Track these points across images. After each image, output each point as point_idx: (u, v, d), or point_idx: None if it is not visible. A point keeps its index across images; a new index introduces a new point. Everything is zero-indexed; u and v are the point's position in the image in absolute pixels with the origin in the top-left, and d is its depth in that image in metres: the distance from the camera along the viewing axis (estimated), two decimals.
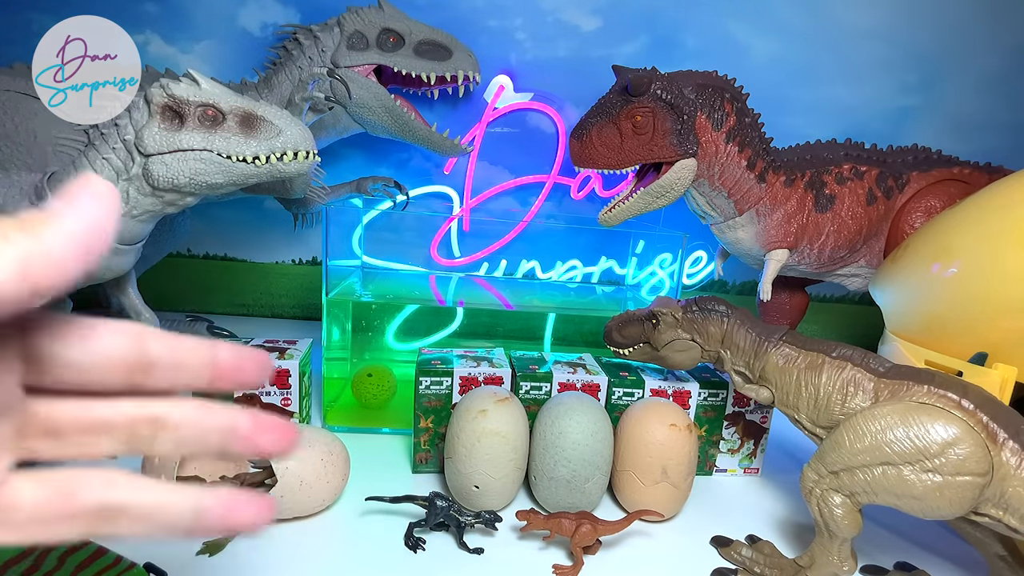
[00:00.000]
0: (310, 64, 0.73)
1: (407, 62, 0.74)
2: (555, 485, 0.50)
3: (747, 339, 0.51)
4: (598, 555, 0.47)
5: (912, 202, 0.73)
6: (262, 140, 0.50)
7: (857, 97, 0.91)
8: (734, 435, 0.61)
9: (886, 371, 0.45)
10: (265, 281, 0.98)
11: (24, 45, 0.54)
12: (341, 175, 0.86)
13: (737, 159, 0.66)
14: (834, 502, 0.43)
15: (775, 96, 0.88)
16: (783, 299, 0.86)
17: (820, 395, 0.46)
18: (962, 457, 0.38)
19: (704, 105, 0.64)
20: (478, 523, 0.47)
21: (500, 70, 0.87)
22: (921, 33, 0.89)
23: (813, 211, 0.71)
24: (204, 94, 0.49)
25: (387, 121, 0.75)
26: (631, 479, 0.51)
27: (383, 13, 0.75)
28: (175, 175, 0.49)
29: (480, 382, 0.55)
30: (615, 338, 0.58)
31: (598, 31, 0.87)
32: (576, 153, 0.66)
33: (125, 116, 0.50)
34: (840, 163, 0.72)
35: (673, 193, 0.66)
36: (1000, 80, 0.91)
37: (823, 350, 0.48)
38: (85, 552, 0.38)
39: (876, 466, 0.41)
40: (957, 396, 0.40)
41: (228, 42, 0.84)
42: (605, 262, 0.91)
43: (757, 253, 0.73)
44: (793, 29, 0.88)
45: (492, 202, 0.92)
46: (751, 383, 0.52)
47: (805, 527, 0.54)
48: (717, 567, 0.47)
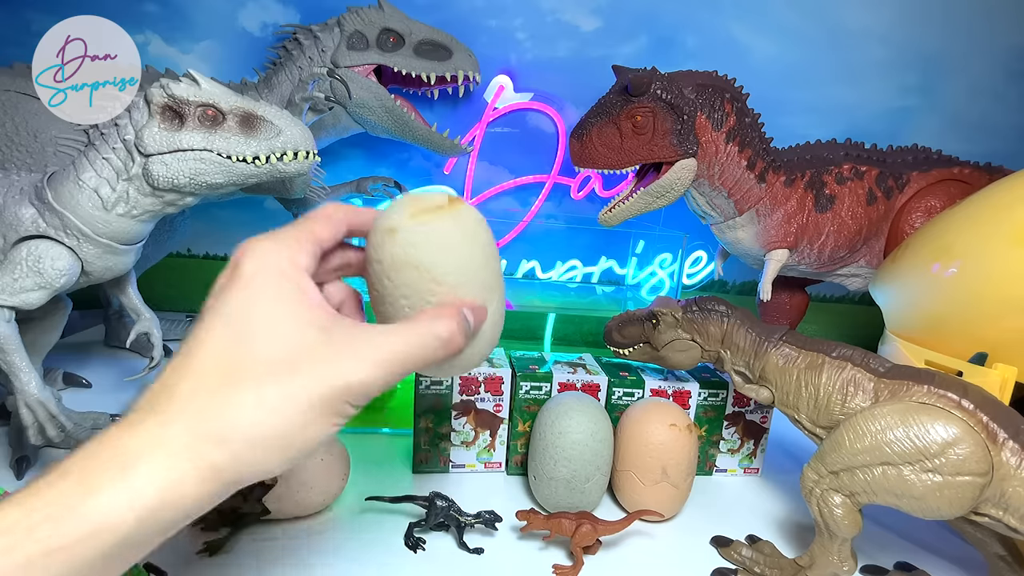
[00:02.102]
0: (310, 64, 0.73)
1: (407, 62, 0.74)
2: (555, 485, 0.50)
3: (747, 339, 0.51)
4: (598, 555, 0.47)
5: (912, 202, 0.73)
6: (262, 140, 0.50)
7: (857, 97, 0.91)
8: (734, 435, 0.61)
9: (886, 371, 0.45)
10: None
11: (24, 45, 0.54)
12: (341, 175, 0.86)
13: (737, 159, 0.66)
14: (834, 502, 0.43)
15: (775, 96, 0.88)
16: (783, 299, 0.86)
17: (820, 395, 0.46)
18: (962, 457, 0.38)
19: (704, 105, 0.64)
20: (478, 523, 0.47)
21: (500, 70, 0.87)
22: (921, 33, 0.89)
23: (813, 211, 0.71)
24: (204, 94, 0.49)
25: (387, 121, 0.75)
26: (631, 479, 0.51)
27: (383, 13, 0.75)
28: (175, 175, 0.49)
29: (480, 382, 0.55)
30: (615, 338, 0.58)
31: (598, 31, 0.87)
32: (576, 153, 0.66)
33: (125, 116, 0.50)
34: (840, 163, 0.72)
35: (673, 193, 0.66)
36: (1000, 80, 0.91)
37: (823, 350, 0.48)
38: None
39: (876, 466, 0.41)
40: (957, 396, 0.40)
41: (228, 42, 0.84)
42: (605, 262, 0.91)
43: (757, 253, 0.73)
44: (793, 29, 0.88)
45: (492, 202, 0.92)
46: (751, 383, 0.52)
47: (805, 527, 0.54)
48: (717, 567, 0.47)
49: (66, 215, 0.49)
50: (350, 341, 0.24)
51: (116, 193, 0.50)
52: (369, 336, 0.25)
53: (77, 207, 0.49)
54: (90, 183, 0.49)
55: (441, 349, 0.26)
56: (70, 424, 0.52)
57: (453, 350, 0.26)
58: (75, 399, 0.60)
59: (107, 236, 0.51)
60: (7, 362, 0.49)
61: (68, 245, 0.50)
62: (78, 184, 0.49)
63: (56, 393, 0.52)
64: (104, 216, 0.50)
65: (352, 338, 0.24)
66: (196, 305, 0.96)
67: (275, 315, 0.24)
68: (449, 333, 0.26)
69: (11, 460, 0.53)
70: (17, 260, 0.49)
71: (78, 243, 0.50)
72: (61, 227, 0.49)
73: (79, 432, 0.54)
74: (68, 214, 0.49)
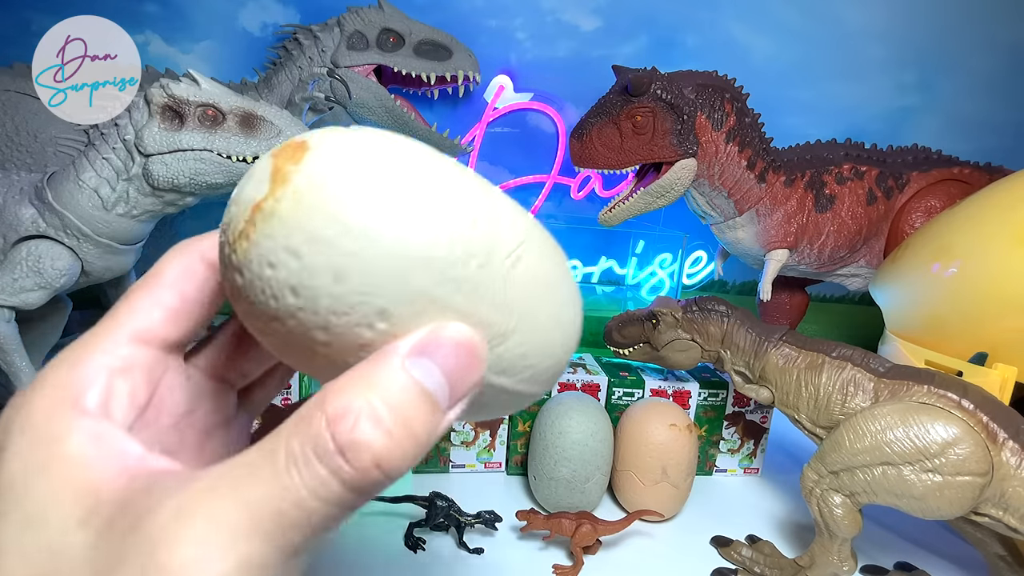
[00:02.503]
0: (310, 64, 0.73)
1: (407, 62, 0.74)
2: (555, 485, 0.50)
3: (747, 339, 0.51)
4: (598, 555, 0.47)
5: (912, 202, 0.73)
6: (262, 140, 0.50)
7: (857, 97, 0.91)
8: (734, 435, 0.61)
9: (886, 371, 0.45)
10: None
11: (24, 45, 0.54)
12: None
13: (737, 159, 0.66)
14: (834, 502, 0.42)
15: (775, 96, 0.88)
16: (783, 299, 0.86)
17: (820, 395, 0.46)
18: (962, 457, 0.38)
19: (704, 105, 0.64)
20: (478, 523, 0.47)
21: (500, 70, 0.87)
22: (921, 32, 0.89)
23: (813, 211, 0.71)
24: (204, 94, 0.49)
25: (387, 121, 0.75)
26: (631, 479, 0.51)
27: (383, 13, 0.75)
28: (175, 175, 0.49)
29: None
30: (615, 338, 0.58)
31: (598, 31, 0.87)
32: (576, 153, 0.66)
33: (125, 116, 0.50)
34: (840, 163, 0.72)
35: (673, 193, 0.66)
36: (1000, 79, 0.91)
37: (823, 350, 0.48)
38: None
39: (876, 466, 0.41)
40: (957, 396, 0.40)
41: (228, 42, 0.84)
42: (605, 262, 0.91)
43: (757, 253, 0.73)
44: (793, 29, 0.88)
45: None
46: (751, 383, 0.52)
47: (805, 527, 0.54)
48: (717, 567, 0.47)
49: (66, 215, 0.49)
50: (156, 528, 0.12)
51: (116, 193, 0.50)
52: (189, 506, 0.12)
53: (77, 207, 0.49)
54: (90, 183, 0.49)
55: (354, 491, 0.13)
56: None
57: (375, 485, 0.13)
58: None
59: (107, 236, 0.51)
60: (7, 362, 0.49)
61: (68, 245, 0.50)
62: (78, 184, 0.49)
63: None
64: (104, 216, 0.50)
65: (149, 529, 0.12)
66: None
67: (24, 527, 0.13)
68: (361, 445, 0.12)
69: None
70: (17, 260, 0.49)
71: (78, 243, 0.50)
72: (61, 227, 0.50)
73: None
74: (68, 214, 0.49)
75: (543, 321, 0.16)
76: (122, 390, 0.15)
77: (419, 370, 0.13)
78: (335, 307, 0.13)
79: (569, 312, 0.17)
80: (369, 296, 0.13)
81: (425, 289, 0.14)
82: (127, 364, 0.16)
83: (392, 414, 0.13)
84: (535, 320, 0.16)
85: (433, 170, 0.15)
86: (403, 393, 0.13)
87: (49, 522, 0.13)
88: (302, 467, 0.12)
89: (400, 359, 0.13)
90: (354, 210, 0.13)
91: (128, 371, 0.16)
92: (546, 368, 0.17)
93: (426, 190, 0.14)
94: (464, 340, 0.14)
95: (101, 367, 0.15)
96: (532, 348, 0.16)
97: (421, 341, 0.14)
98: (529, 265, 0.16)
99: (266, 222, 0.14)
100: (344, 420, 0.12)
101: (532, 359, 0.16)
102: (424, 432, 0.13)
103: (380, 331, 0.14)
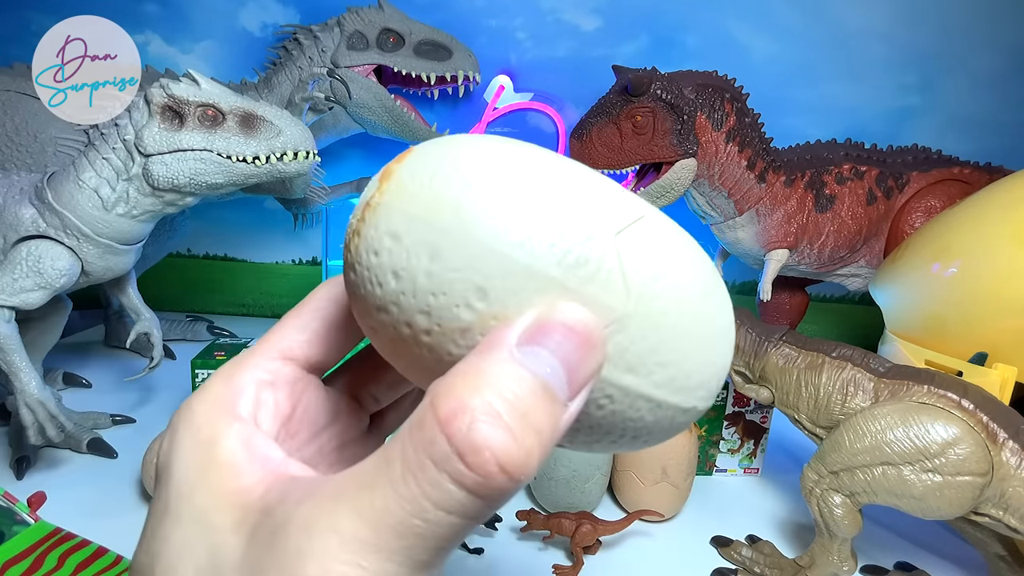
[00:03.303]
0: (310, 64, 0.73)
1: (407, 62, 0.74)
2: (555, 485, 0.50)
3: (747, 339, 0.51)
4: (598, 555, 0.47)
5: (912, 202, 0.73)
6: (262, 140, 0.50)
7: (857, 97, 0.91)
8: (734, 435, 0.61)
9: (886, 371, 0.45)
10: (265, 281, 0.98)
11: (24, 45, 0.54)
12: (341, 175, 0.86)
13: (737, 159, 0.66)
14: (834, 502, 0.42)
15: (775, 96, 0.88)
16: (783, 299, 0.85)
17: (820, 395, 0.46)
18: (962, 457, 0.38)
19: (704, 105, 0.64)
20: None
21: (500, 70, 0.87)
22: (921, 33, 0.89)
23: (813, 211, 0.71)
24: (204, 94, 0.49)
25: (387, 121, 0.75)
26: (631, 479, 0.51)
27: (383, 13, 0.75)
28: (175, 175, 0.49)
29: None
30: None
31: (598, 31, 0.87)
32: (576, 153, 0.66)
33: (125, 116, 0.50)
34: (840, 163, 0.72)
35: (673, 193, 0.66)
36: (1000, 79, 0.91)
37: (823, 350, 0.48)
38: (85, 552, 0.38)
39: (876, 466, 0.41)
40: (957, 396, 0.40)
41: (228, 42, 0.84)
42: None
43: (757, 253, 0.73)
44: (793, 29, 0.88)
45: None
46: (751, 383, 0.52)
47: (805, 527, 0.54)
48: (717, 567, 0.47)
49: (66, 215, 0.49)
50: (289, 539, 0.12)
51: (116, 193, 0.50)
52: (314, 517, 0.12)
53: (77, 207, 0.49)
54: (90, 183, 0.49)
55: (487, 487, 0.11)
56: (70, 424, 0.52)
57: (505, 487, 0.12)
58: (75, 399, 0.60)
59: (107, 236, 0.51)
60: (7, 362, 0.49)
61: (68, 245, 0.50)
62: (78, 184, 0.49)
63: (56, 393, 0.52)
64: (104, 216, 0.50)
65: (283, 543, 0.12)
66: (196, 305, 0.97)
67: (191, 526, 0.14)
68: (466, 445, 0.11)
69: (11, 460, 0.53)
70: (17, 260, 0.49)
71: (78, 243, 0.50)
72: (61, 227, 0.50)
73: (79, 432, 0.54)
74: (68, 214, 0.49)
75: (672, 308, 0.14)
76: (268, 401, 0.17)
77: (532, 359, 0.12)
78: (432, 287, 0.13)
79: (711, 304, 0.15)
80: (463, 272, 0.13)
81: (520, 262, 0.13)
82: (273, 378, 0.17)
83: (510, 409, 0.12)
84: (661, 306, 0.14)
85: (527, 153, 0.15)
86: (518, 386, 0.12)
87: (212, 525, 0.14)
88: (419, 475, 0.11)
89: (509, 349, 0.12)
90: (447, 188, 0.14)
91: (274, 384, 0.17)
92: (690, 372, 0.15)
93: (518, 168, 0.14)
94: (575, 321, 0.13)
95: (252, 379, 0.17)
96: (663, 341, 0.14)
97: (529, 328, 0.13)
98: (647, 243, 0.14)
99: (373, 214, 0.14)
100: (458, 420, 0.11)
101: (666, 354, 0.14)
102: (547, 427, 0.12)
103: (479, 311, 0.13)
